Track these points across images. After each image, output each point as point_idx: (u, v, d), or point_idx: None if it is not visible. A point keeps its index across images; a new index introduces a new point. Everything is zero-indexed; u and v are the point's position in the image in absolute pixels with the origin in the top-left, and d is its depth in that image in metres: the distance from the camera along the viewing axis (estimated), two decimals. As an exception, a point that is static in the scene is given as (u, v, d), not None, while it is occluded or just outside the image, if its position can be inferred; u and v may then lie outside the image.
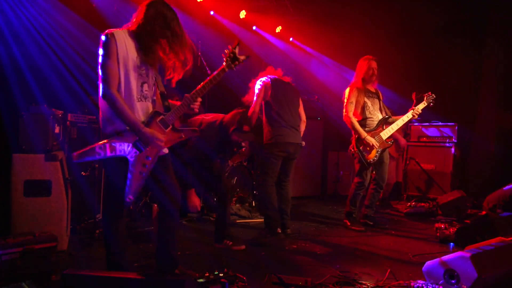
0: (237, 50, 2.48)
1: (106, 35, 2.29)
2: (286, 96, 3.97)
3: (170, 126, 2.46)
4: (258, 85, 3.93)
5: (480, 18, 6.34)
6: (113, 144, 2.30)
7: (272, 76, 4.00)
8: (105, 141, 2.30)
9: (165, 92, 2.53)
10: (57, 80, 4.22)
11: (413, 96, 4.42)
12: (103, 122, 2.37)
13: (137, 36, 2.35)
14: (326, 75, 7.28)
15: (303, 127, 4.14)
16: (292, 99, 4.03)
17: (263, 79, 3.96)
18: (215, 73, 2.49)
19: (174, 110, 2.46)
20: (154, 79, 2.49)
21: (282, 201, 4.01)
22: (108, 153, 2.29)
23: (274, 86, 3.92)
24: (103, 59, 2.28)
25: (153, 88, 2.50)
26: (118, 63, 2.30)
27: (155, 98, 2.54)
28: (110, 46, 2.27)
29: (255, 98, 3.91)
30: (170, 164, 2.58)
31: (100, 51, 2.30)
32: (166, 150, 2.53)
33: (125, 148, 2.32)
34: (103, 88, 2.28)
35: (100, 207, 3.99)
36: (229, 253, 3.38)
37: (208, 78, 2.48)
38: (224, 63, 2.48)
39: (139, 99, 2.39)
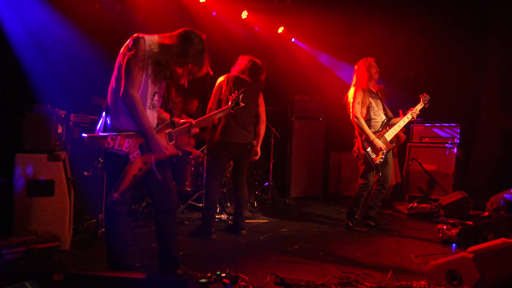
0: (240, 97, 3.06)
1: (138, 38, 2.32)
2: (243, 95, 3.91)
3: (174, 141, 2.57)
4: (217, 82, 3.91)
5: (482, 18, 6.33)
6: (123, 139, 2.32)
7: (232, 74, 3.92)
8: (118, 133, 2.32)
9: (173, 109, 2.64)
10: (60, 80, 4.24)
11: (400, 113, 4.48)
12: (115, 116, 2.36)
13: (159, 46, 2.37)
14: (328, 75, 7.27)
15: (262, 127, 4.08)
16: (249, 98, 3.86)
17: (221, 78, 3.90)
18: (220, 109, 3.08)
19: (179, 129, 2.63)
20: (162, 91, 2.53)
21: (237, 201, 4.00)
22: (116, 146, 2.30)
23: (230, 84, 3.82)
24: (130, 60, 2.29)
25: (160, 100, 2.54)
26: (142, 68, 2.32)
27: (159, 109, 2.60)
28: (140, 49, 2.30)
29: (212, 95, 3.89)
30: (167, 166, 2.61)
31: (129, 51, 2.30)
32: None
33: (131, 147, 2.34)
34: (125, 88, 2.29)
35: (103, 207, 3.99)
36: (231, 253, 3.39)
37: (214, 112, 3.05)
38: (229, 104, 3.07)
39: (149, 108, 2.44)
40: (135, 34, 2.36)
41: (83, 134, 2.30)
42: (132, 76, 2.29)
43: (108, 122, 2.37)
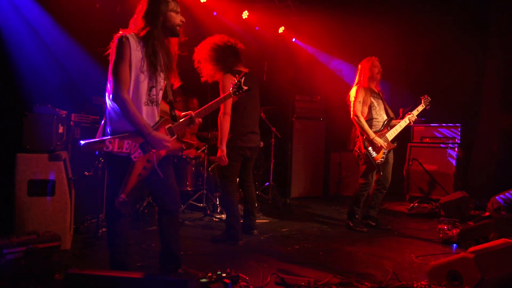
0: (242, 80, 2.77)
1: (121, 38, 2.29)
2: (251, 94, 3.61)
3: (175, 136, 2.52)
4: (228, 82, 3.46)
5: (482, 18, 6.33)
6: (122, 141, 2.30)
7: (236, 69, 3.59)
8: (115, 136, 2.30)
9: (173, 101, 2.58)
10: (61, 80, 4.24)
11: (400, 112, 4.46)
12: (112, 120, 2.35)
13: (143, 39, 2.36)
14: (328, 75, 7.27)
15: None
16: (256, 95, 3.78)
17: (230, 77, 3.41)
18: (220, 96, 2.76)
19: (180, 122, 2.55)
20: (161, 84, 2.49)
21: (246, 202, 3.92)
22: (115, 149, 2.29)
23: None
24: (116, 62, 2.27)
25: (160, 93, 2.50)
26: (130, 67, 2.30)
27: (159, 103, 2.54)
28: (124, 49, 2.27)
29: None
30: (170, 165, 2.60)
31: (114, 53, 2.29)
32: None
33: (131, 147, 2.33)
34: (114, 91, 2.27)
35: (103, 207, 4.00)
36: (231, 253, 3.39)
37: (215, 100, 2.69)
38: (230, 89, 2.78)
39: (146, 103, 2.41)
40: (119, 33, 2.32)
41: (81, 142, 2.27)
42: (119, 78, 2.27)
43: (106, 126, 2.36)
